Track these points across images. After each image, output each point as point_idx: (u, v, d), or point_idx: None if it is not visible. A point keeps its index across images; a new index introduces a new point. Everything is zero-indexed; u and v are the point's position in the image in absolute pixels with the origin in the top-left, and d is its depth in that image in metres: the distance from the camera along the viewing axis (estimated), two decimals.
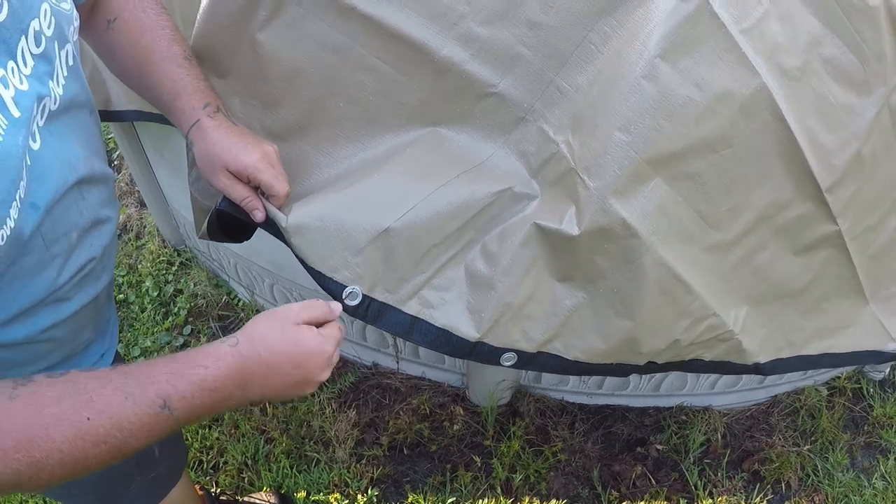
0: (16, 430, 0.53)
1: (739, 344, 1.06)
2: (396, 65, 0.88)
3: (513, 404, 1.79)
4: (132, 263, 2.02)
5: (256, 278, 1.85)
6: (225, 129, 0.81)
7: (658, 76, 0.82)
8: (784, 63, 0.87)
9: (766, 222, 0.98)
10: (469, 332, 0.90)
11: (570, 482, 1.70)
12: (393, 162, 0.92)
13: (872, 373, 1.99)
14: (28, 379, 0.56)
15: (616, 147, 0.83)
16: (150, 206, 1.96)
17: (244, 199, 0.81)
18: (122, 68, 0.85)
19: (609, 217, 0.85)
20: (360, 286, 0.85)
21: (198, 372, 0.61)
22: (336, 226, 0.85)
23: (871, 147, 0.99)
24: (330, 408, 1.76)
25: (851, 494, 1.73)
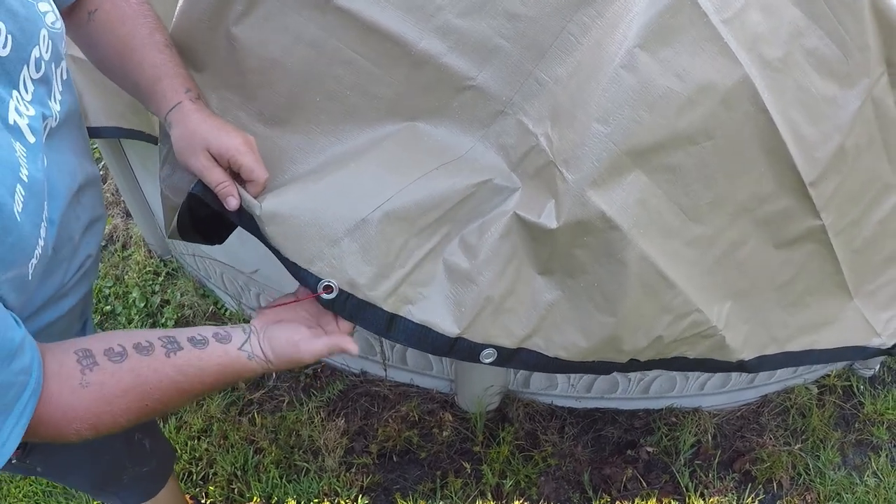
0: (88, 414, 0.64)
1: (723, 340, 1.04)
2: (373, 58, 0.87)
3: (502, 409, 1.77)
4: (119, 274, 2.00)
5: (243, 288, 1.84)
6: (207, 114, 0.81)
7: (638, 66, 0.80)
8: (766, 54, 0.85)
9: (748, 215, 0.97)
10: (449, 329, 0.87)
11: (561, 486, 1.68)
12: (370, 154, 0.90)
13: (862, 370, 1.97)
14: (93, 362, 0.65)
15: (594, 139, 0.81)
16: (135, 217, 1.95)
17: (220, 183, 0.78)
18: (102, 58, 0.85)
19: (588, 210, 0.83)
20: (336, 279, 0.82)
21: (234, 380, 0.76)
22: (312, 215, 0.82)
23: (853, 140, 0.98)
24: (319, 417, 1.75)
25: (843, 492, 1.71)
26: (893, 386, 1.99)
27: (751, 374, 1.76)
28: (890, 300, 1.27)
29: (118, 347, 0.68)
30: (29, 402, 0.59)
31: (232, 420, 1.75)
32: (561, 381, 1.71)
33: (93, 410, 0.65)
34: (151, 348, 0.70)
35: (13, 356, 0.56)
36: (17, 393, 0.57)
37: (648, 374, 1.68)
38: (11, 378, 0.56)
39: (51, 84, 0.69)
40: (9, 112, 0.61)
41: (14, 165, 0.59)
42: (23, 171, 0.60)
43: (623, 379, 1.69)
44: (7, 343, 0.56)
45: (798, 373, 1.86)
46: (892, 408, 1.91)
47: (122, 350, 0.68)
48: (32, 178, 0.61)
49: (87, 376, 0.64)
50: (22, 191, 0.59)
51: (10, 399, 0.56)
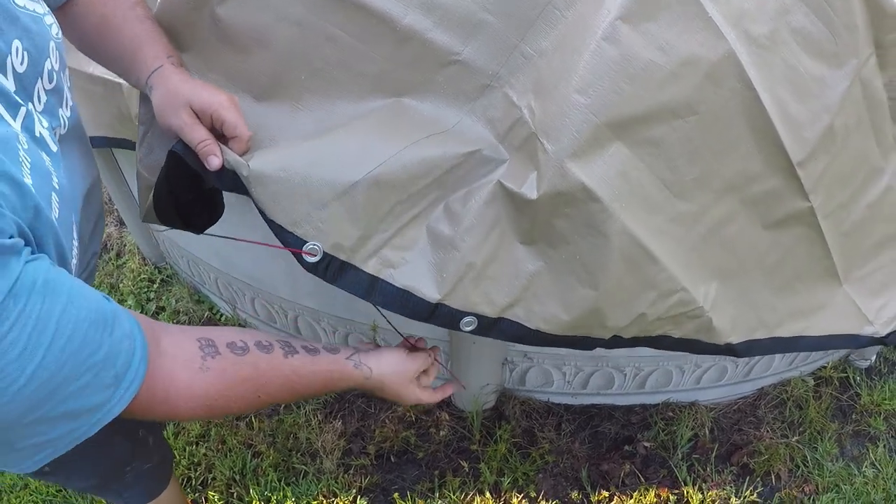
0: (206, 397, 0.68)
1: (710, 322, 1.03)
2: (358, 35, 0.87)
3: (498, 408, 1.76)
4: (113, 283, 1.99)
5: (237, 293, 1.85)
6: (189, 76, 0.81)
7: (620, 39, 0.80)
8: (752, 31, 0.85)
9: (735, 194, 0.96)
10: (430, 293, 0.88)
11: (559, 483, 1.68)
12: (357, 123, 0.90)
13: (858, 361, 1.97)
14: (215, 351, 0.69)
15: (575, 110, 0.81)
16: (128, 225, 1.96)
17: (201, 141, 0.77)
18: (83, 37, 0.84)
19: (567, 181, 0.83)
20: (321, 243, 0.82)
21: (338, 387, 0.83)
22: (301, 178, 0.81)
23: (842, 120, 0.97)
24: (316, 419, 1.74)
25: (842, 483, 1.70)
26: (890, 377, 1.98)
27: (746, 367, 1.76)
28: (881, 287, 1.26)
29: (241, 342, 0.73)
30: (139, 367, 0.60)
31: (229, 425, 1.75)
32: (557, 378, 1.71)
33: (211, 394, 0.68)
34: (271, 348, 0.76)
35: (112, 325, 0.57)
36: (126, 360, 0.58)
37: (644, 370, 1.69)
38: (117, 345, 0.57)
39: (62, 92, 0.71)
40: (35, 125, 0.63)
41: (48, 175, 0.61)
42: (54, 178, 0.62)
43: (619, 374, 1.69)
44: (102, 313, 0.56)
45: (794, 365, 1.86)
46: (889, 398, 1.90)
47: (244, 345, 0.73)
48: (62, 185, 0.63)
49: (208, 362, 0.69)
50: (57, 198, 0.61)
51: (120, 366, 0.58)
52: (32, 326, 0.49)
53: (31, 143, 0.60)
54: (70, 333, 0.52)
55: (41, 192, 0.57)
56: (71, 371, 0.52)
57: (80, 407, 0.55)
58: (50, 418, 0.53)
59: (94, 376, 0.55)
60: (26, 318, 0.48)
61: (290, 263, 1.65)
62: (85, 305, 0.54)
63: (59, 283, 0.53)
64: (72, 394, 0.53)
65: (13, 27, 0.61)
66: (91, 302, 0.56)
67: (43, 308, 0.50)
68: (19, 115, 0.60)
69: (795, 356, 1.80)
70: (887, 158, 1.12)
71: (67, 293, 0.53)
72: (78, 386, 0.53)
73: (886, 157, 1.12)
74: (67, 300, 0.52)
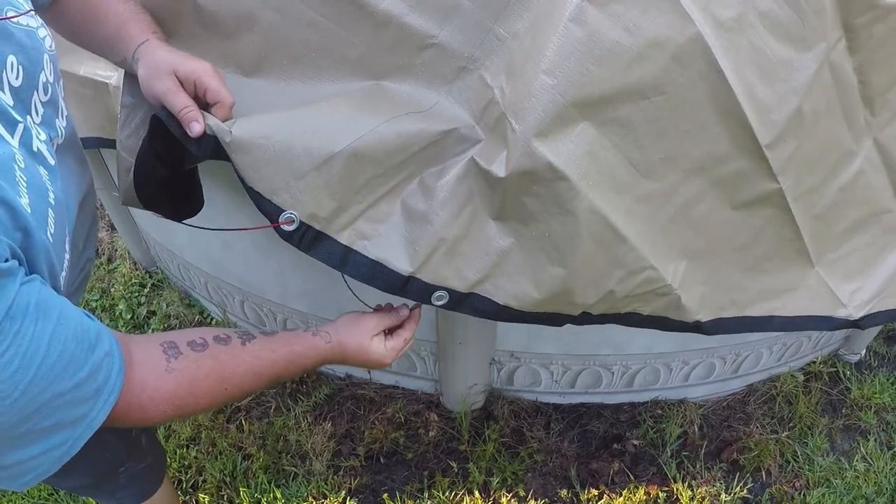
0: (173, 397, 0.70)
1: (678, 300, 1.04)
2: (337, 20, 0.89)
3: (487, 408, 1.76)
4: (105, 287, 2.00)
5: (227, 296, 1.85)
6: (172, 49, 0.82)
7: (586, 20, 0.81)
8: (719, 14, 0.85)
9: (703, 174, 0.97)
10: (402, 266, 0.89)
11: (548, 482, 1.67)
12: (340, 99, 0.91)
13: (848, 355, 1.96)
14: (177, 352, 0.72)
15: (541, 90, 0.82)
16: (119, 230, 1.97)
17: (184, 107, 0.77)
18: (70, 26, 0.86)
19: (534, 159, 0.84)
20: (298, 212, 0.83)
21: (303, 361, 0.83)
22: (281, 147, 0.81)
23: (811, 104, 0.97)
24: (306, 421, 1.74)
25: (833, 478, 1.70)
26: (880, 370, 1.98)
27: (735, 364, 1.76)
28: (855, 271, 1.27)
29: (200, 339, 0.75)
30: (117, 380, 0.64)
31: (220, 427, 1.75)
32: (544, 378, 1.71)
33: (178, 393, 0.71)
34: (229, 339, 0.78)
35: (94, 344, 0.61)
36: (106, 374, 0.63)
37: (631, 367, 1.69)
38: (98, 362, 0.61)
39: (57, 103, 0.73)
40: (32, 140, 0.65)
41: (44, 191, 0.63)
42: (50, 195, 0.65)
43: (606, 373, 1.69)
44: (87, 333, 0.60)
45: (783, 360, 1.86)
46: (880, 392, 1.90)
47: (203, 341, 0.75)
48: (57, 200, 0.66)
49: (172, 363, 0.71)
50: (52, 214, 0.64)
51: (101, 379, 0.62)
52: (27, 346, 0.53)
53: (29, 160, 0.63)
54: (59, 353, 0.56)
55: (37, 210, 0.60)
56: (58, 386, 0.57)
57: (65, 419, 0.59)
58: (38, 430, 0.57)
59: (78, 390, 0.59)
60: (21, 338, 0.53)
61: (279, 266, 1.67)
62: (72, 325, 0.59)
63: (50, 304, 0.57)
64: (58, 407, 0.57)
65: (7, 43, 0.63)
66: (77, 322, 0.60)
67: (36, 329, 0.54)
68: (17, 132, 0.63)
69: (784, 351, 1.80)
70: (859, 142, 1.13)
71: (57, 315, 0.57)
72: (64, 401, 0.58)
73: (858, 141, 1.12)
74: (57, 321, 0.57)
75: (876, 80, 1.06)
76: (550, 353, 1.63)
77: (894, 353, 2.04)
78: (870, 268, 1.28)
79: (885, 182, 1.20)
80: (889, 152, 1.16)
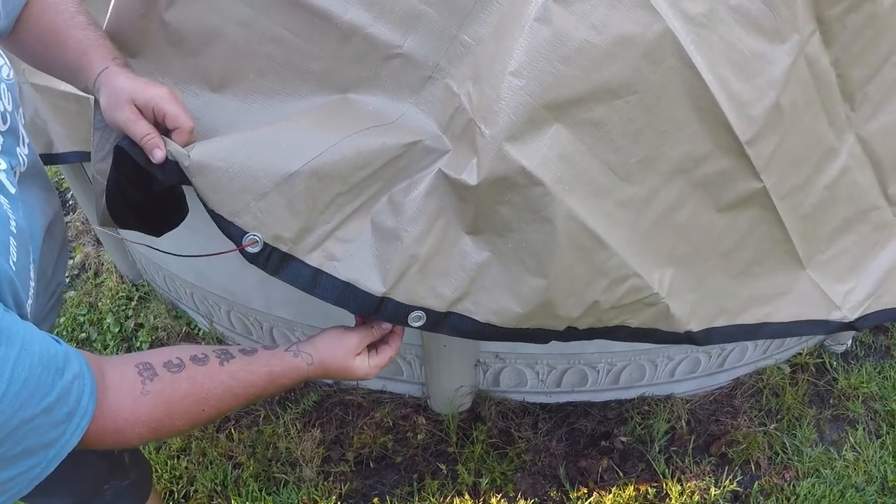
0: (150, 420, 0.70)
1: (667, 309, 1.01)
2: (302, 33, 0.88)
3: (474, 409, 1.75)
4: (92, 301, 1.99)
5: (213, 306, 1.85)
6: (133, 75, 0.82)
7: (552, 19, 0.79)
8: (688, 10, 0.83)
9: (684, 176, 0.94)
10: (375, 287, 0.86)
11: (538, 481, 1.66)
12: (301, 116, 0.89)
13: (834, 346, 1.95)
14: (153, 373, 0.71)
15: (510, 92, 0.80)
16: (105, 244, 1.97)
17: (145, 135, 0.77)
18: (32, 54, 0.86)
19: (507, 164, 0.81)
20: (261, 233, 0.81)
21: (282, 381, 0.82)
22: (240, 168, 0.80)
23: (789, 97, 0.95)
24: (295, 428, 1.73)
25: (822, 468, 1.68)
26: (867, 360, 1.97)
27: (720, 358, 1.76)
28: (847, 271, 1.24)
29: (176, 360, 0.74)
30: (89, 403, 0.63)
31: (210, 437, 1.74)
32: (530, 378, 1.70)
33: (154, 416, 0.70)
34: (206, 359, 0.76)
35: (62, 368, 0.61)
36: (77, 397, 0.62)
37: (617, 365, 1.69)
38: (67, 385, 0.61)
39: (17, 132, 0.72)
40: None
41: (5, 220, 0.63)
42: (11, 223, 0.64)
43: (592, 371, 1.70)
44: (53, 358, 0.60)
45: (769, 353, 1.85)
46: (867, 381, 1.89)
47: (179, 362, 0.74)
48: (19, 228, 0.66)
49: (147, 385, 0.70)
50: (14, 242, 0.64)
51: (72, 403, 0.61)
52: None
53: None
54: (24, 379, 0.55)
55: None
56: (26, 412, 0.56)
57: (36, 443, 0.58)
58: (8, 458, 0.56)
59: (47, 416, 0.58)
60: None
61: (260, 276, 1.68)
62: (37, 351, 0.58)
63: (13, 331, 0.56)
64: (27, 433, 0.57)
65: None
66: (42, 347, 0.59)
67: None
68: None
69: (769, 344, 1.80)
70: (841, 138, 1.10)
71: (21, 341, 0.56)
72: (33, 426, 0.57)
73: (840, 137, 1.10)
74: (21, 347, 0.56)
75: (854, 74, 1.04)
76: (535, 352, 1.62)
77: (881, 342, 2.05)
78: (861, 267, 1.25)
79: (870, 178, 1.17)
80: (872, 148, 1.14)
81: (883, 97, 1.11)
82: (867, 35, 1.01)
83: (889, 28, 1.03)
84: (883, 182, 1.19)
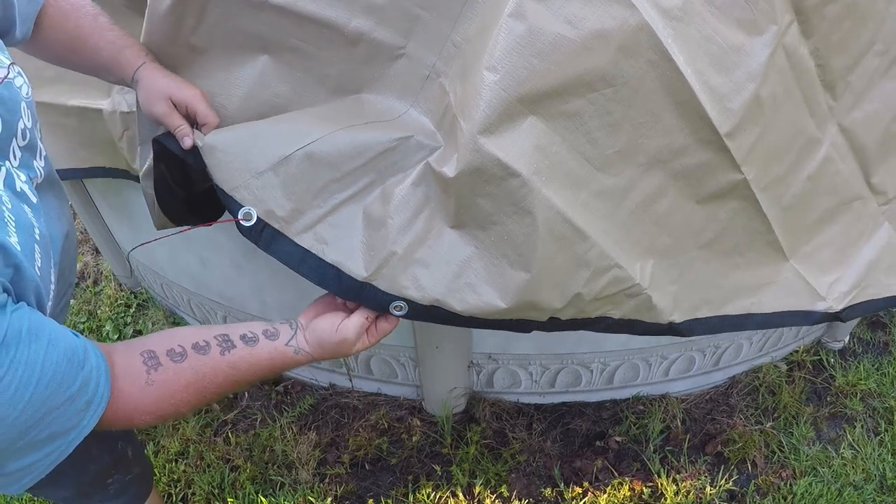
0: (154, 407, 0.75)
1: (649, 300, 1.01)
2: (315, 43, 0.94)
3: (469, 411, 1.74)
4: (91, 309, 2.00)
5: (209, 312, 1.86)
6: (167, 72, 0.94)
7: (526, 14, 0.79)
8: (663, 3, 0.83)
9: (663, 167, 0.94)
10: (357, 271, 0.89)
11: (532, 482, 1.64)
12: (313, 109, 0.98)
13: (832, 343, 1.92)
14: (157, 363, 0.75)
15: (485, 87, 0.81)
16: (103, 253, 1.99)
17: (178, 126, 0.91)
18: (58, 55, 0.95)
19: (482, 156, 0.82)
20: (256, 208, 0.90)
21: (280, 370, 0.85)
22: (242, 149, 0.91)
23: (769, 89, 0.95)
24: (291, 431, 1.73)
25: (819, 466, 1.66)
26: (864, 356, 1.94)
27: (715, 356, 1.76)
28: (831, 262, 1.23)
29: (179, 348, 0.78)
30: (105, 392, 0.69)
31: (207, 441, 1.74)
32: (524, 379, 1.68)
33: (158, 404, 0.75)
34: (208, 347, 0.80)
35: (83, 361, 0.66)
36: (95, 387, 0.67)
37: (610, 365, 1.69)
38: (87, 376, 0.66)
39: (36, 146, 0.78)
40: (15, 181, 0.70)
41: (30, 228, 0.68)
42: (35, 231, 0.69)
43: (585, 371, 1.70)
44: (76, 352, 0.65)
45: (765, 350, 1.83)
46: (865, 378, 1.86)
47: (182, 350, 0.78)
48: (42, 235, 0.71)
49: (153, 375, 0.75)
50: (38, 249, 0.69)
51: (90, 392, 0.67)
52: (23, 370, 0.58)
53: (14, 200, 0.67)
54: (52, 372, 0.61)
55: (25, 247, 0.65)
56: (53, 402, 0.62)
57: (59, 429, 0.64)
58: (36, 441, 0.63)
59: (71, 404, 0.64)
60: (17, 364, 0.58)
61: (255, 280, 1.71)
62: (62, 345, 0.63)
63: (40, 328, 0.62)
64: (54, 419, 0.63)
65: None
66: (66, 342, 0.64)
67: (30, 353, 0.59)
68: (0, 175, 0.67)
69: (765, 342, 1.79)
70: (823, 129, 1.10)
71: (48, 337, 0.62)
72: (58, 413, 0.63)
73: (822, 127, 1.09)
74: (48, 343, 0.62)
75: (834, 64, 1.03)
76: (528, 353, 1.62)
77: (879, 338, 2.03)
78: (846, 258, 1.24)
79: (853, 168, 1.16)
80: (855, 137, 1.13)
81: (865, 86, 1.10)
82: (847, 24, 1.00)
83: (869, 17, 1.02)
84: (866, 171, 1.18)
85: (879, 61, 1.09)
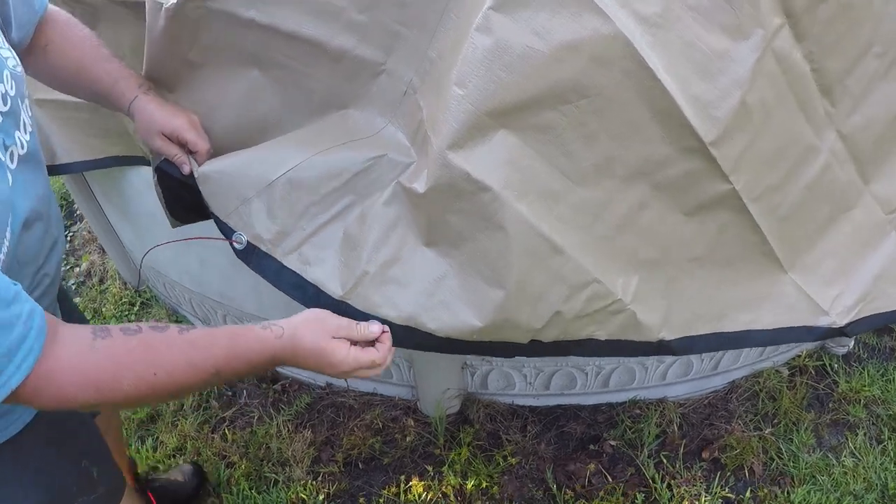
0: (95, 380, 0.68)
1: (634, 316, 0.98)
2: (301, 59, 0.97)
3: (463, 412, 1.72)
4: (97, 308, 2.02)
5: (210, 311, 1.87)
6: (158, 103, 0.99)
7: (492, 28, 0.78)
8: (641, 10, 0.81)
9: (645, 179, 0.91)
10: (334, 289, 0.91)
11: (525, 485, 1.62)
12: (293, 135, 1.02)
13: (836, 348, 1.86)
14: (107, 334, 0.69)
15: (454, 101, 0.81)
16: (108, 251, 2.02)
17: (175, 155, 0.97)
18: (61, 80, 1.01)
19: (451, 171, 0.82)
20: (245, 233, 0.94)
21: (248, 355, 0.77)
22: (232, 178, 0.95)
23: (757, 95, 0.91)
24: (287, 429, 1.73)
25: (819, 475, 1.62)
26: (869, 362, 1.88)
27: (713, 360, 1.74)
28: (834, 274, 1.18)
29: (135, 326, 0.72)
30: (34, 344, 0.63)
31: (205, 437, 1.75)
32: (518, 381, 1.67)
33: (100, 376, 0.68)
34: (167, 328, 0.74)
35: (10, 302, 0.61)
36: (21, 334, 0.62)
37: (605, 367, 1.67)
38: (11, 318, 0.61)
39: (18, 116, 0.78)
40: None
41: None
42: None
43: (580, 374, 1.67)
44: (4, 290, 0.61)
45: (765, 355, 1.77)
46: (870, 384, 1.80)
47: (137, 328, 0.72)
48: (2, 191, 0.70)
49: (98, 343, 0.68)
50: None
51: (14, 338, 0.61)
52: None
53: None
54: None
55: None
56: None
57: None
58: None
59: None
60: None
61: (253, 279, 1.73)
62: None
63: None
64: None
65: None
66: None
67: None
68: None
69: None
70: (821, 136, 1.05)
71: None
72: None
73: (820, 134, 1.05)
74: None
75: (830, 67, 0.99)
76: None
77: (885, 343, 1.98)
78: (850, 270, 1.18)
79: (853, 176, 1.12)
80: (855, 143, 1.08)
81: (864, 90, 1.05)
82: (841, 25, 0.96)
83: (866, 17, 0.98)
84: (868, 179, 1.14)
85: (878, 63, 1.04)
